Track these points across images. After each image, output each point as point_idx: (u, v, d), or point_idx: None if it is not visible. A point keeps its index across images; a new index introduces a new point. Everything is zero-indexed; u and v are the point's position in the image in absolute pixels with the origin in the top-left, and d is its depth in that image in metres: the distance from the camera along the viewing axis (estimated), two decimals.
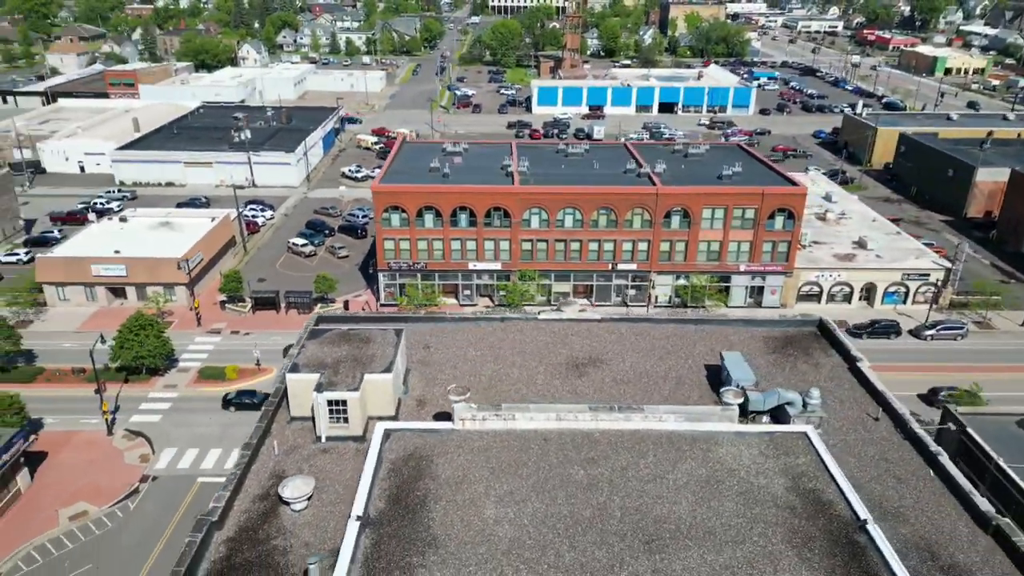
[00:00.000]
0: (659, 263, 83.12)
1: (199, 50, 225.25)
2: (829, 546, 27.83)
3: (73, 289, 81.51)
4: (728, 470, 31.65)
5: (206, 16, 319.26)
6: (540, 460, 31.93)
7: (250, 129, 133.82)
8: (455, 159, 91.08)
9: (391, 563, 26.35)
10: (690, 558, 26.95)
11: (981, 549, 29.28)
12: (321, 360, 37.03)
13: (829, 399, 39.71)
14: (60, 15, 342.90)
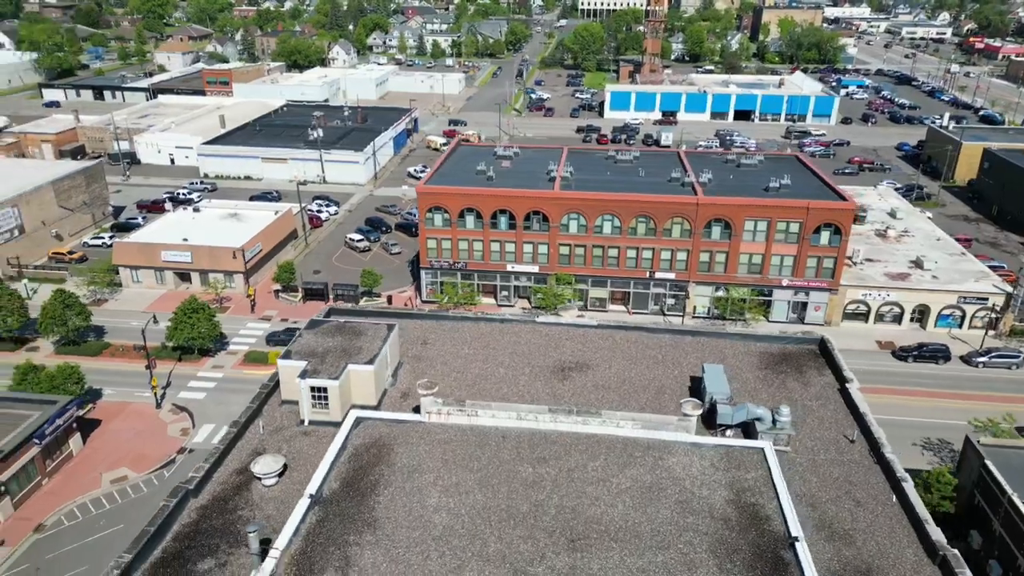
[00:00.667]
0: (698, 273, 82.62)
1: (292, 51, 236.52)
2: (752, 560, 28.26)
3: (145, 272, 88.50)
4: (673, 478, 32.36)
5: (305, 19, 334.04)
6: (493, 456, 33.56)
7: (327, 128, 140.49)
8: (504, 163, 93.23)
9: (329, 539, 28.65)
10: (609, 559, 28.01)
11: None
12: (313, 349, 39.86)
13: (810, 418, 39.55)
14: (175, 16, 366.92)
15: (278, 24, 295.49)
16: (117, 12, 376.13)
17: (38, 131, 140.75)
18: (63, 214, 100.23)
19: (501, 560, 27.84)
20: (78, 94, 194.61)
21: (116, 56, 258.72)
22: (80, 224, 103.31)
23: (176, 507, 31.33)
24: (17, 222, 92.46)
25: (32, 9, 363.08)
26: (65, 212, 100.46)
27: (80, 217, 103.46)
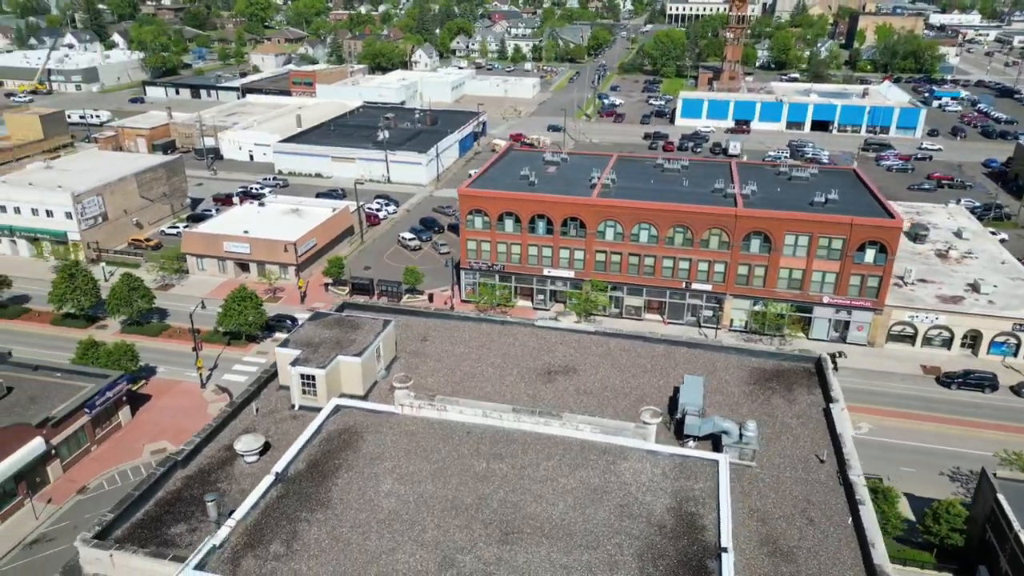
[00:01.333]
0: (736, 286, 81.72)
1: (377, 53, 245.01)
2: (675, 566, 28.99)
3: (209, 261, 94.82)
4: (621, 483, 33.31)
5: (395, 23, 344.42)
6: (453, 449, 35.39)
7: (397, 130, 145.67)
8: (550, 168, 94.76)
9: (283, 514, 31.20)
10: (536, 553, 29.36)
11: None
12: (309, 339, 42.77)
13: (786, 436, 39.51)
14: (276, 19, 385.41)
15: (366, 28, 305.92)
16: (223, 15, 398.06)
17: (134, 126, 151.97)
18: (144, 204, 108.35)
19: (434, 546, 29.65)
20: (177, 92, 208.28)
21: (217, 57, 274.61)
22: (159, 214, 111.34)
23: (163, 476, 34.66)
24: (101, 210, 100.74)
25: (149, 11, 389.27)
26: (146, 202, 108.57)
27: (160, 207, 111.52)
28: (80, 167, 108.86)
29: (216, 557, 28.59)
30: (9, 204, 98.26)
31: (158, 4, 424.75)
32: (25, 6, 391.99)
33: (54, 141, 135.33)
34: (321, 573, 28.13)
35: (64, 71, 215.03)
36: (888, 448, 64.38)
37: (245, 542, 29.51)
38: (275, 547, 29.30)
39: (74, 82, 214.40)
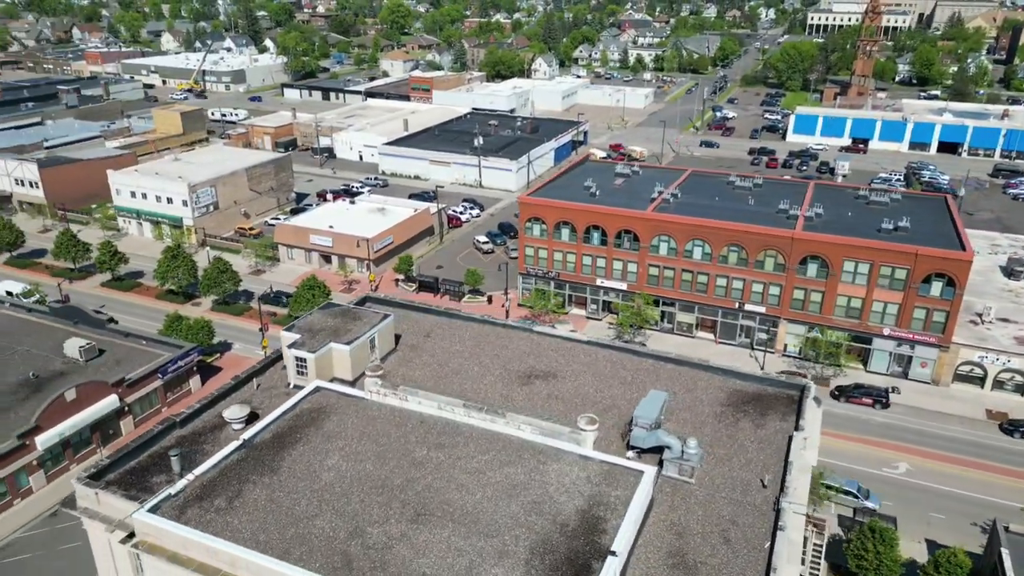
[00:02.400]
0: (790, 310, 79.63)
1: (497, 61, 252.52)
2: (561, 562, 30.74)
3: (297, 252, 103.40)
4: (542, 482, 35.27)
5: (524, 31, 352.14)
6: (401, 435, 38.65)
7: (496, 136, 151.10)
8: (617, 181, 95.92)
9: (237, 475, 35.66)
10: (438, 535, 32.04)
11: None
12: (312, 326, 47.44)
13: (739, 458, 39.79)
14: (415, 26, 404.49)
15: (490, 36, 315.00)
16: (368, 22, 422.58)
17: (262, 125, 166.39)
18: (252, 196, 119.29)
19: (351, 517, 33.03)
20: (310, 94, 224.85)
21: (353, 62, 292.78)
22: (266, 206, 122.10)
23: (160, 433, 40.22)
24: (213, 199, 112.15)
25: (304, 18, 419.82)
26: (254, 194, 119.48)
27: (267, 200, 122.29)
28: (202, 160, 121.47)
29: (168, 504, 33.42)
30: (138, 190, 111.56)
31: (313, 11, 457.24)
32: (199, 12, 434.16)
33: (191, 136, 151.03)
34: (247, 528, 32.22)
35: (216, 72, 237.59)
36: (923, 491, 61.24)
37: (196, 495, 34.19)
38: (219, 502, 33.77)
39: (224, 83, 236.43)
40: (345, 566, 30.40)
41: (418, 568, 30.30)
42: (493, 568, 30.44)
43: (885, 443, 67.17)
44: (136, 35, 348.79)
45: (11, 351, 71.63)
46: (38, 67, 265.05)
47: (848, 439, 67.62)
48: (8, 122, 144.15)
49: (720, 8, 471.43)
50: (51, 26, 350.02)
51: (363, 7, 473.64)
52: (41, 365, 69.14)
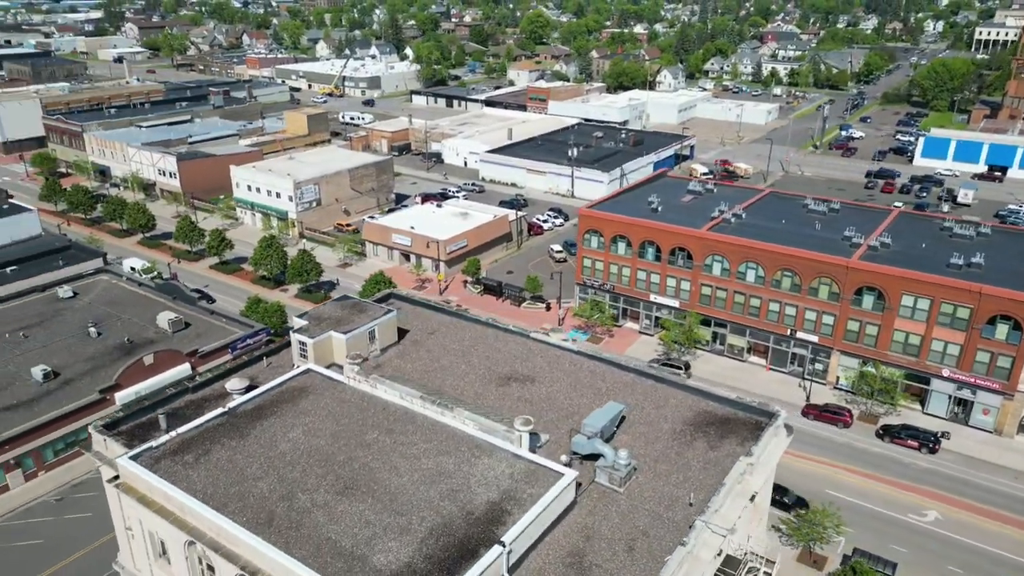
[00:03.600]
0: (844, 342, 76.52)
1: (621, 73, 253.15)
2: (452, 544, 33.43)
3: (381, 249, 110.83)
4: (467, 473, 38.03)
5: (659, 42, 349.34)
6: (360, 418, 42.66)
7: (597, 147, 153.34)
8: (686, 198, 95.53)
9: (211, 437, 40.99)
10: (355, 508, 35.68)
11: None
12: (321, 315, 52.60)
13: (678, 476, 40.61)
14: (552, 36, 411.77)
15: (618, 47, 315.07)
16: (507, 31, 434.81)
17: (381, 129, 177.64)
18: (353, 195, 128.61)
19: (288, 483, 37.34)
20: (435, 101, 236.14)
21: (484, 71, 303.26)
22: (366, 205, 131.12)
23: (174, 395, 46.64)
24: (316, 196, 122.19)
25: (449, 27, 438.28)
26: (355, 194, 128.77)
27: (367, 199, 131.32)
28: (313, 160, 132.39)
29: (147, 455, 39.26)
30: (253, 185, 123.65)
31: (459, 21, 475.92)
32: (355, 21, 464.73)
33: (315, 137, 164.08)
34: (201, 482, 37.35)
35: (355, 78, 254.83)
36: (947, 543, 57.75)
37: (172, 450, 39.84)
38: (188, 458, 39.23)
39: (361, 88, 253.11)
40: (267, 523, 34.74)
41: (325, 533, 34.12)
42: (390, 542, 33.69)
43: (919, 488, 63.53)
44: (296, 42, 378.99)
45: (117, 318, 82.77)
46: (207, 70, 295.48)
47: (878, 480, 64.56)
48: (164, 119, 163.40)
49: (881, 20, 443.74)
50: (225, 33, 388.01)
51: (506, 17, 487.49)
52: (136, 332, 79.48)
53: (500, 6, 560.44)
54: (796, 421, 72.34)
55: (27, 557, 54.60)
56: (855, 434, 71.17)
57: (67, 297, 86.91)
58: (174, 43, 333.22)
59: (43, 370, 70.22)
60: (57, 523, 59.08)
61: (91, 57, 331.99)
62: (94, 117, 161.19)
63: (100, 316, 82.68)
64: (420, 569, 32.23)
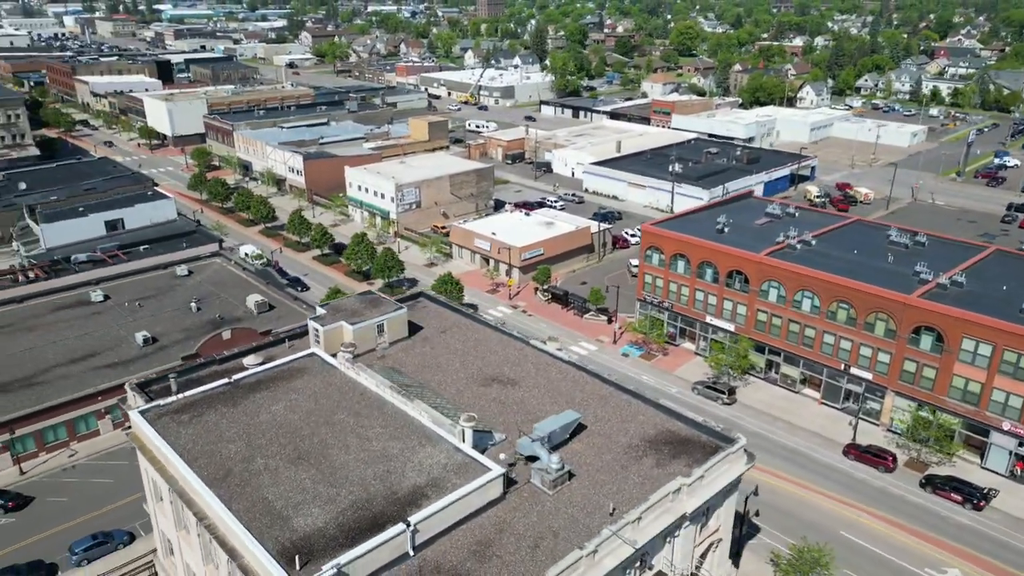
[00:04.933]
0: (899, 382, 72.25)
1: (758, 87, 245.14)
2: (366, 518, 37.20)
3: (464, 251, 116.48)
4: (407, 458, 41.64)
5: (813, 56, 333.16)
6: (338, 400, 47.39)
7: (707, 163, 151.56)
8: (760, 221, 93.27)
9: (209, 403, 47.24)
10: (297, 475, 40.31)
11: None
12: (341, 307, 58.12)
13: (613, 487, 42.09)
14: (701, 47, 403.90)
15: (759, 62, 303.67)
16: (656, 43, 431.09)
17: (498, 137, 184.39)
18: (453, 200, 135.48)
19: (255, 447, 42.60)
20: (562, 111, 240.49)
21: (620, 82, 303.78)
22: (464, 209, 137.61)
23: (201, 365, 53.82)
24: (417, 199, 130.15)
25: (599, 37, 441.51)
26: (454, 198, 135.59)
27: (466, 204, 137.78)
28: (420, 164, 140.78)
29: (154, 411, 46.16)
30: (362, 185, 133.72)
31: (611, 32, 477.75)
32: (508, 31, 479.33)
33: (435, 143, 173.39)
34: (186, 439, 43.47)
35: (490, 87, 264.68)
36: None
37: (174, 410, 46.50)
38: (184, 417, 45.71)
39: (495, 97, 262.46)
40: (222, 479, 40.18)
41: (264, 493, 39.03)
42: (314, 508, 38.02)
43: (946, 543, 59.36)
44: (449, 51, 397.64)
45: (216, 297, 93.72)
46: (361, 76, 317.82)
47: (903, 528, 60.95)
48: (303, 121, 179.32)
49: None
50: (385, 42, 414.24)
51: (657, 28, 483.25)
52: (228, 311, 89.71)
53: (655, 17, 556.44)
54: (836, 460, 69.64)
55: (104, 493, 64.14)
56: (896, 480, 67.25)
57: (183, 275, 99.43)
58: (337, 51, 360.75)
59: (144, 336, 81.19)
60: (132, 467, 68.85)
61: (267, 62, 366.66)
62: (245, 117, 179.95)
63: (204, 294, 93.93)
64: (328, 534, 36.30)
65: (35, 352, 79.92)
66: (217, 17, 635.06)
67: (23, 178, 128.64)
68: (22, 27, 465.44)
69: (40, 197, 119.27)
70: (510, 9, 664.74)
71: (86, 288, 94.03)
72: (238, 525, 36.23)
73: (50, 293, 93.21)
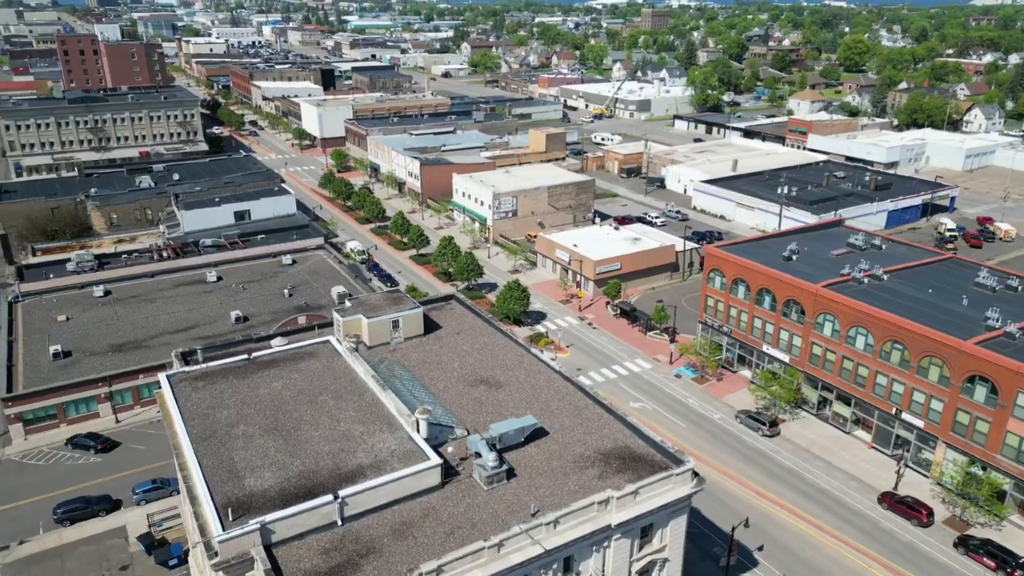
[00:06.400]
0: (951, 434, 67.04)
1: (916, 108, 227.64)
2: (305, 486, 41.89)
3: (547, 260, 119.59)
4: (363, 441, 45.95)
5: (997, 76, 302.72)
6: (328, 382, 52.61)
7: (831, 187, 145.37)
8: (837, 251, 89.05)
9: (225, 374, 54.05)
10: (266, 443, 45.77)
11: None
12: (365, 301, 63.63)
13: (546, 491, 44.16)
14: (868, 63, 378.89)
15: (924, 81, 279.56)
16: (819, 56, 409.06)
17: (616, 151, 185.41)
18: (550, 210, 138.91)
19: (240, 416, 48.57)
20: (695, 126, 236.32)
21: (768, 98, 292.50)
22: (561, 220, 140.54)
23: (238, 342, 61.31)
24: (513, 208, 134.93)
25: (760, 51, 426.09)
26: (552, 209, 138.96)
27: (563, 215, 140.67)
28: (523, 175, 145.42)
29: (179, 376, 53.74)
30: (467, 192, 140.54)
31: (777, 44, 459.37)
32: (666, 44, 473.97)
33: (551, 154, 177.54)
34: (193, 403, 50.42)
35: (625, 100, 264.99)
36: None
37: (195, 376, 53.83)
38: (200, 384, 52.81)
39: (630, 110, 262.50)
40: (206, 438, 46.52)
41: (232, 455, 44.82)
42: (267, 472, 43.28)
43: None
44: (599, 63, 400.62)
45: (309, 286, 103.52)
46: (507, 87, 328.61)
47: None
48: (432, 129, 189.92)
49: None
50: (539, 53, 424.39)
51: (825, 42, 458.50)
52: (314, 299, 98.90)
53: (827, 31, 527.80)
54: (867, 507, 66.09)
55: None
56: (929, 536, 62.75)
57: (287, 264, 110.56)
58: (488, 61, 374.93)
59: (236, 314, 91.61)
60: None
61: (425, 71, 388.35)
62: (381, 123, 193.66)
63: (299, 282, 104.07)
64: (270, 496, 41.35)
65: (150, 320, 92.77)
66: (395, 28, 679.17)
67: (178, 170, 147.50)
68: (228, 36, 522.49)
69: (187, 187, 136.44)
70: (674, 21, 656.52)
71: (204, 269, 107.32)
72: (200, 478, 42.21)
73: (176, 271, 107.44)
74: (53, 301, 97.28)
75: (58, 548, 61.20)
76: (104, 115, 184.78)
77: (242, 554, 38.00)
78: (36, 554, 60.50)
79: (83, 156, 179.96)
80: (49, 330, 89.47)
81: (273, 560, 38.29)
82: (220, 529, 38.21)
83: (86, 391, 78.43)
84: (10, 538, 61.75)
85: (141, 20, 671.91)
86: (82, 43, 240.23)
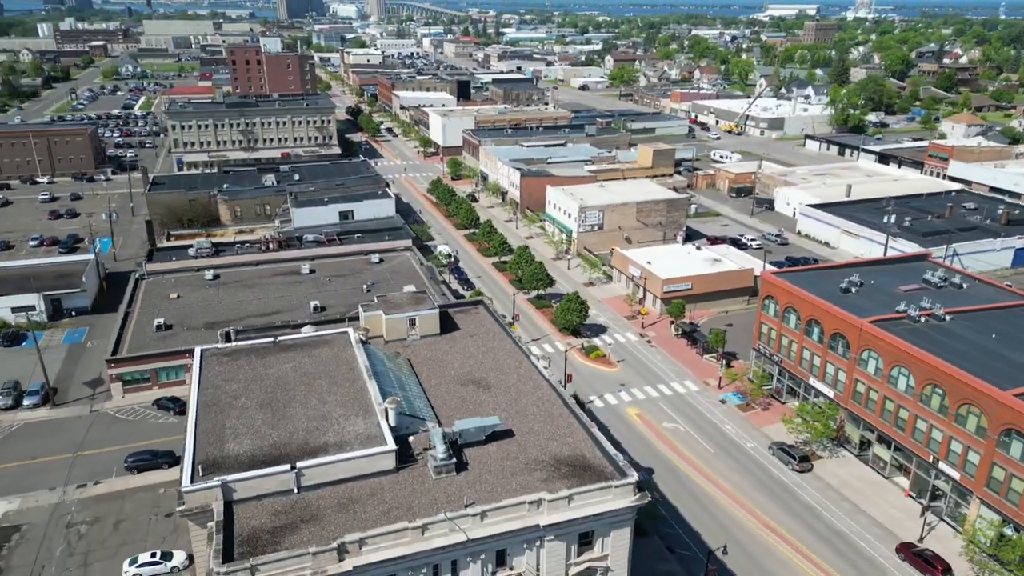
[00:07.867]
0: (986, 490, 62.10)
1: None
2: (270, 455, 47.31)
3: (621, 275, 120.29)
4: (337, 422, 50.83)
5: None
6: (331, 367, 58.03)
7: (954, 218, 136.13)
8: (908, 286, 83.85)
9: (249, 352, 60.93)
10: (255, 416, 51.70)
11: None
12: (390, 300, 68.93)
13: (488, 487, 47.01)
14: None
15: None
16: (999, 77, 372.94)
17: (727, 169, 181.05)
18: (638, 226, 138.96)
19: (247, 392, 55.06)
20: (827, 148, 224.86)
21: (921, 120, 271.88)
22: (649, 236, 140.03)
23: (280, 327, 68.56)
24: (599, 221, 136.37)
25: (931, 69, 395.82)
26: (640, 225, 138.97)
27: (652, 231, 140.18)
28: (617, 190, 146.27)
29: (211, 351, 61.20)
30: (557, 204, 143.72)
31: (953, 62, 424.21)
32: (823, 60, 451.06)
33: (657, 170, 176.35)
34: (212, 375, 57.61)
35: (756, 118, 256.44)
36: None
37: (224, 353, 61.10)
38: (226, 359, 59.94)
39: (760, 128, 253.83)
40: (212, 405, 53.31)
41: (225, 422, 51.12)
42: (246, 440, 49.15)
43: None
44: (744, 78, 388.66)
45: (387, 283, 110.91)
46: (640, 101, 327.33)
47: None
48: (543, 141, 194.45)
49: None
50: (682, 67, 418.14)
51: (1007, 61, 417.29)
52: (384, 290, 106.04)
53: (1013, 48, 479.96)
54: (882, 556, 62.88)
55: None
56: None
57: (375, 262, 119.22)
58: (626, 75, 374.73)
59: (315, 304, 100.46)
60: None
61: (564, 84, 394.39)
62: (496, 135, 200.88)
63: (379, 279, 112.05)
64: (240, 461, 47.09)
65: (243, 303, 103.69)
66: (548, 40, 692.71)
67: (300, 171, 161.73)
68: (389, 47, 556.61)
69: (303, 187, 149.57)
70: (840, 35, 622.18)
71: (301, 262, 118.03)
72: (191, 439, 48.86)
73: (277, 262, 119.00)
74: (171, 281, 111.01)
75: (122, 491, 71.11)
76: (254, 119, 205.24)
77: (204, 506, 43.90)
78: (104, 494, 70.64)
79: (233, 155, 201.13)
80: (161, 305, 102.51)
81: (230, 514, 43.87)
82: (188, 482, 44.33)
83: (176, 360, 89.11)
84: (88, 478, 72.35)
85: (317, 32, 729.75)
86: (247, 54, 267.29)
